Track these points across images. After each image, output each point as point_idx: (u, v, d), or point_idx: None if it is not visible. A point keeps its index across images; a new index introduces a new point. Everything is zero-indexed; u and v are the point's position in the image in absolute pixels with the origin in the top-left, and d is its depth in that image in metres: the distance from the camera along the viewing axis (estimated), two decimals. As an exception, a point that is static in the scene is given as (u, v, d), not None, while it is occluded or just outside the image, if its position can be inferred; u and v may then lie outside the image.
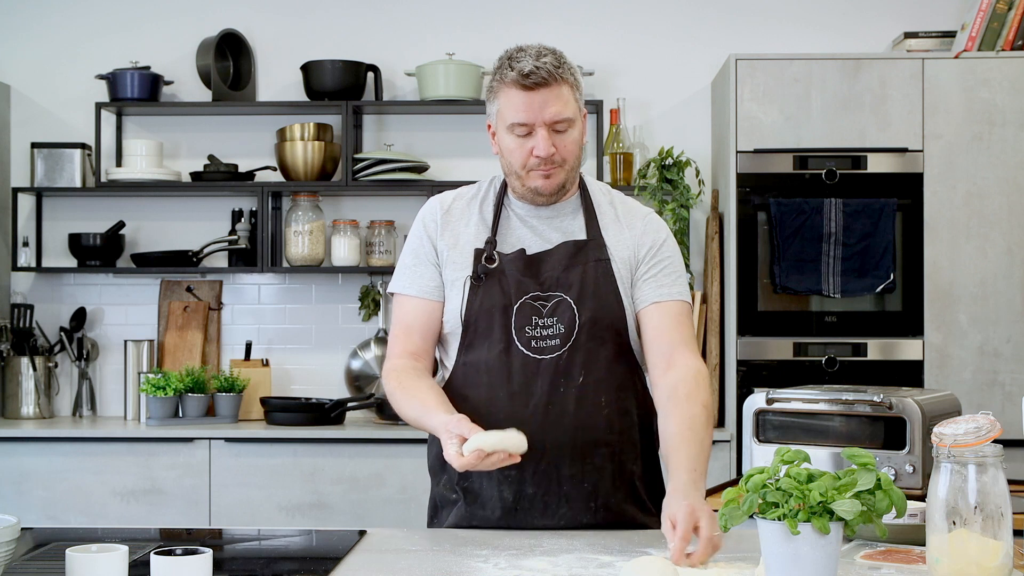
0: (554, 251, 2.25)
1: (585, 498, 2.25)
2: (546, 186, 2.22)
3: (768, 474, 1.74)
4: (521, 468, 2.15)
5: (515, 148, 2.21)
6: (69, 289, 4.75)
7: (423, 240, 2.32)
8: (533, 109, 2.16)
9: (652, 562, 1.84)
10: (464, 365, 2.25)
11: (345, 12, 4.75)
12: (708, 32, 4.67)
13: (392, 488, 4.14)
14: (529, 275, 2.22)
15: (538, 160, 2.19)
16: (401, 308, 2.30)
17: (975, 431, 1.77)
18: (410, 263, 2.31)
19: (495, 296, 2.21)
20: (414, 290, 2.28)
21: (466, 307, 2.22)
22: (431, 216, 2.33)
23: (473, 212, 2.31)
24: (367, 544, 2.20)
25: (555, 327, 2.21)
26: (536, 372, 2.21)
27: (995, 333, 4.05)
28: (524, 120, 2.17)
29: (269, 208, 4.60)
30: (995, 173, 4.07)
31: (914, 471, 2.76)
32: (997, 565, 1.75)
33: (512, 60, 2.18)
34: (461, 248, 2.27)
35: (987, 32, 4.11)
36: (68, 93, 4.75)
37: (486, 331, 2.22)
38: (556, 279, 2.22)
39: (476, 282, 2.22)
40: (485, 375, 2.22)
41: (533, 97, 2.16)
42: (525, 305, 2.21)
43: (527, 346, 2.21)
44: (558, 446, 2.22)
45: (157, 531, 2.89)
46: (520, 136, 2.20)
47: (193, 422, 4.33)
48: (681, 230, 4.42)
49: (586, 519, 2.25)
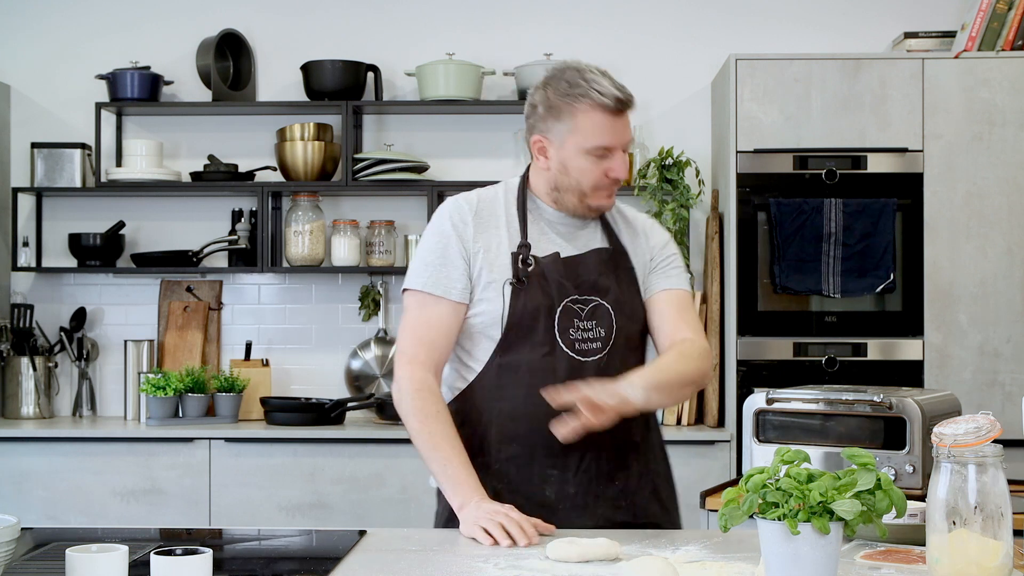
0: (587, 256, 2.29)
1: (616, 497, 2.29)
2: (608, 204, 2.30)
3: (768, 474, 1.74)
4: (564, 468, 2.22)
5: (590, 168, 2.24)
6: (69, 289, 4.75)
7: (451, 239, 2.26)
8: (617, 133, 2.23)
9: (652, 562, 1.84)
10: (499, 366, 2.24)
11: (345, 12, 4.75)
12: (708, 32, 4.67)
13: (392, 488, 4.14)
14: (567, 278, 2.25)
15: (611, 181, 2.25)
16: (422, 309, 2.25)
17: (975, 431, 1.77)
18: (434, 261, 2.26)
19: (538, 298, 2.23)
20: (439, 290, 2.24)
21: (509, 310, 2.21)
22: (460, 216, 2.27)
23: (500, 216, 2.30)
24: (367, 544, 2.20)
25: (595, 330, 2.25)
26: (580, 374, 2.21)
27: (995, 333, 4.05)
28: (609, 143, 2.23)
29: (269, 208, 4.60)
30: (995, 173, 4.07)
31: (914, 471, 2.76)
32: (997, 565, 1.75)
33: (588, 83, 2.23)
34: (496, 251, 2.26)
35: (987, 32, 4.11)
36: (68, 93, 4.75)
37: (528, 333, 2.23)
38: (592, 283, 2.27)
39: (518, 285, 2.22)
40: (526, 375, 2.22)
41: (617, 121, 2.23)
42: (566, 308, 2.24)
43: (571, 348, 2.24)
44: (597, 446, 2.25)
45: (157, 531, 2.89)
46: (597, 157, 2.23)
47: (193, 422, 4.33)
48: (681, 230, 4.42)
49: (618, 517, 2.28)
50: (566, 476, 2.25)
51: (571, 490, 2.25)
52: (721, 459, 4.12)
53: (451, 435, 2.21)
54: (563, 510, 2.24)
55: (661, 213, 4.39)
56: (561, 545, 2.07)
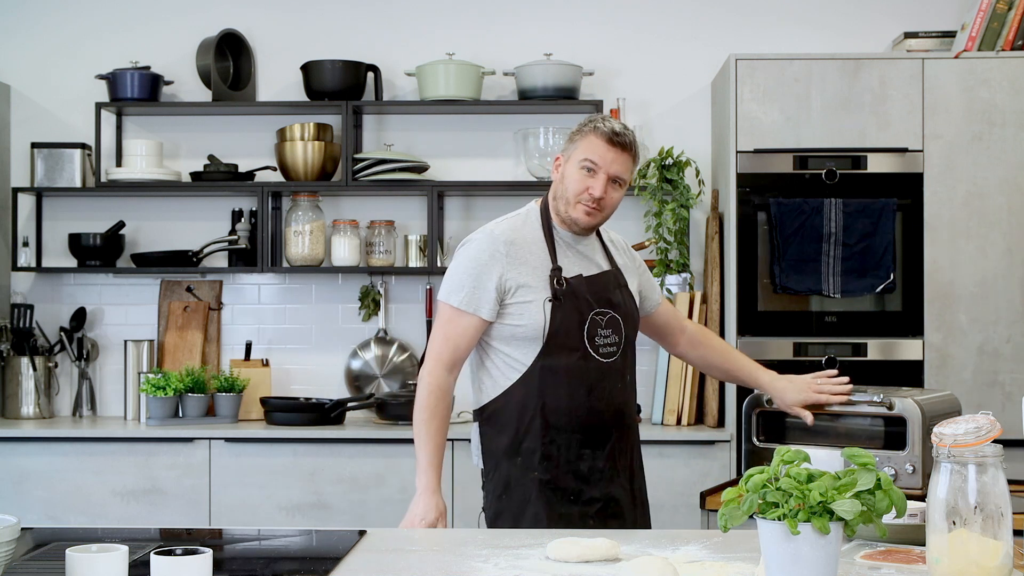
0: (601, 276, 2.79)
1: (627, 470, 2.78)
2: (585, 221, 2.73)
3: (768, 474, 1.74)
4: (595, 448, 2.71)
5: (578, 180, 2.71)
6: (69, 289, 4.75)
7: (487, 267, 2.69)
8: (607, 159, 2.70)
9: (652, 562, 1.85)
10: (542, 368, 2.68)
11: (345, 12, 4.75)
12: (708, 32, 4.67)
13: (392, 488, 4.14)
14: (591, 294, 2.74)
15: (589, 197, 2.69)
16: (454, 321, 2.70)
17: (975, 431, 1.77)
18: (468, 283, 2.69)
19: (572, 313, 2.70)
20: (471, 308, 2.68)
21: (549, 322, 2.67)
22: (495, 249, 2.71)
23: (531, 243, 2.75)
24: (367, 544, 2.20)
25: (611, 337, 2.75)
26: (605, 374, 2.73)
27: (995, 333, 4.05)
28: (597, 162, 2.70)
29: (269, 208, 4.60)
30: (995, 173, 4.07)
31: (914, 471, 2.76)
32: (997, 565, 1.75)
33: (604, 122, 2.73)
34: (532, 273, 2.71)
35: (987, 32, 4.11)
36: (68, 93, 4.75)
37: (565, 341, 2.68)
38: (608, 299, 2.76)
39: (556, 302, 2.68)
40: (564, 376, 2.68)
41: (610, 151, 2.70)
42: (592, 319, 2.72)
43: (597, 352, 2.72)
44: (619, 429, 2.76)
45: (157, 531, 2.89)
46: (585, 172, 2.70)
47: (193, 422, 4.33)
48: (681, 230, 4.42)
49: (627, 486, 2.77)
50: (596, 454, 2.72)
51: (600, 465, 2.72)
52: (721, 459, 4.12)
53: (442, 433, 2.70)
54: (594, 480, 2.71)
55: (661, 213, 4.39)
56: (561, 545, 2.07)
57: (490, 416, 2.74)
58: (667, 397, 4.34)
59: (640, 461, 2.86)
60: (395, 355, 4.67)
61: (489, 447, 2.75)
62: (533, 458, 2.68)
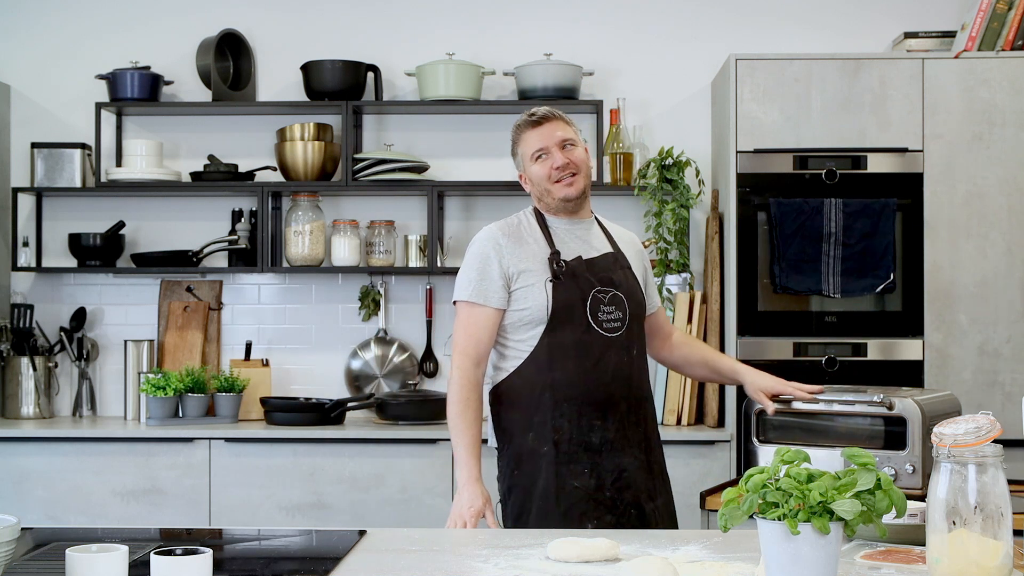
0: (601, 258, 2.89)
1: (639, 441, 2.84)
2: (571, 192, 2.85)
3: (768, 474, 1.74)
4: (605, 419, 2.78)
5: (540, 169, 2.87)
6: (69, 289, 4.75)
7: (490, 260, 2.82)
8: (544, 136, 2.86)
9: (652, 562, 1.85)
10: (549, 344, 2.79)
11: (345, 12, 4.75)
12: (708, 32, 4.67)
13: (392, 488, 4.14)
14: (591, 274, 2.84)
15: (558, 171, 2.83)
16: (470, 316, 2.82)
17: (975, 431, 1.78)
18: (476, 278, 2.82)
19: (573, 291, 2.80)
20: (480, 299, 2.80)
21: (552, 301, 2.78)
22: (495, 241, 2.85)
23: (527, 234, 2.88)
24: (367, 544, 2.20)
25: (615, 313, 2.84)
26: (609, 347, 2.81)
27: (995, 333, 4.05)
28: (541, 145, 2.86)
29: (269, 208, 4.60)
30: (995, 173, 4.07)
31: (914, 471, 2.77)
32: (997, 565, 1.75)
33: (522, 116, 2.91)
34: (532, 259, 2.82)
35: (987, 32, 4.11)
36: (68, 93, 4.75)
37: (569, 317, 2.79)
38: (608, 279, 2.86)
39: (557, 281, 2.79)
40: (572, 350, 2.78)
41: (542, 129, 2.87)
42: (594, 296, 2.82)
43: (601, 327, 2.81)
44: (628, 400, 2.83)
45: (157, 531, 2.89)
46: (541, 160, 2.86)
47: (193, 422, 4.33)
48: (681, 230, 4.42)
49: (641, 457, 2.83)
50: (606, 425, 2.80)
51: (610, 436, 2.80)
52: (721, 459, 4.12)
53: (477, 424, 2.78)
54: (605, 451, 2.78)
55: (661, 213, 4.39)
56: (561, 545, 2.07)
57: (502, 395, 2.84)
58: (667, 397, 4.34)
59: (657, 434, 2.92)
60: (395, 355, 4.67)
61: (502, 425, 2.85)
62: (544, 430, 2.77)
